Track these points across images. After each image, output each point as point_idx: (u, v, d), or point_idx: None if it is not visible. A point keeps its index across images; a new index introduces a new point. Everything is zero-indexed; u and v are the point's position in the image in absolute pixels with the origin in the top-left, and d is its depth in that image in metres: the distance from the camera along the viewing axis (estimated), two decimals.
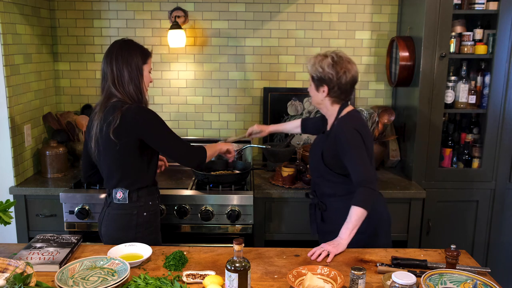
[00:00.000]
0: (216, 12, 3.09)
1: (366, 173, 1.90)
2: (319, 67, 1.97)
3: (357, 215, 1.84)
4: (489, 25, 2.72)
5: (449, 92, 2.73)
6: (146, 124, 1.92)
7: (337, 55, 1.97)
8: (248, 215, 2.49)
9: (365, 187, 1.88)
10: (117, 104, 1.92)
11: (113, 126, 1.87)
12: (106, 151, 1.97)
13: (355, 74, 1.98)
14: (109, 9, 3.08)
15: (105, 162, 2.01)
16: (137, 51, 1.98)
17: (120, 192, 2.00)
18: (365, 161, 1.92)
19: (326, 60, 1.96)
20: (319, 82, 2.00)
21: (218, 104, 3.22)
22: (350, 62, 1.98)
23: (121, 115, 1.88)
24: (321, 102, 2.05)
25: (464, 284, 1.49)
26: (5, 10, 2.51)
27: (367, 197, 1.87)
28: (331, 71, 1.94)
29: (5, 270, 1.51)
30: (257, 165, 3.08)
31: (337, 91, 1.98)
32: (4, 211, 1.68)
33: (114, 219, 2.03)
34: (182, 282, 1.59)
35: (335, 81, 1.95)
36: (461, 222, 2.83)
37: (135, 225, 2.01)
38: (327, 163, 2.04)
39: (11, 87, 2.56)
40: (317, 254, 1.79)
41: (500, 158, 2.75)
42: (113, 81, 1.94)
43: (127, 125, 1.89)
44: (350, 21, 3.12)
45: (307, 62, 2.05)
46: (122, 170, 1.98)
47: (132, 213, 2.01)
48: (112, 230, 2.03)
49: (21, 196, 2.59)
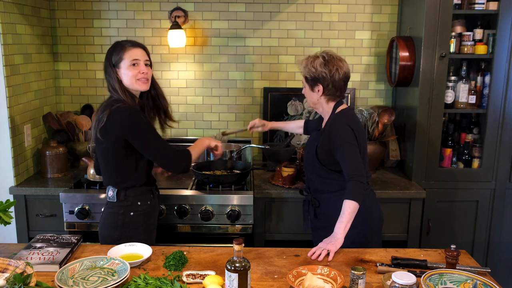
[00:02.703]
0: (216, 12, 3.09)
1: (356, 167, 1.93)
2: (311, 68, 2.02)
3: (350, 208, 1.86)
4: (489, 25, 2.72)
5: (449, 92, 2.73)
6: (130, 127, 1.92)
7: (327, 54, 2.03)
8: (248, 215, 2.49)
9: (355, 181, 1.90)
10: (109, 103, 1.95)
11: (100, 125, 1.90)
12: (97, 149, 2.03)
13: (347, 70, 2.04)
14: (109, 9, 3.08)
15: (98, 159, 2.08)
16: (110, 54, 2.00)
17: (111, 190, 2.03)
18: (356, 156, 1.95)
19: (318, 60, 2.02)
20: (313, 82, 2.05)
21: (218, 104, 3.22)
22: (341, 60, 2.04)
23: (108, 114, 1.90)
24: (317, 101, 2.10)
25: (464, 284, 1.49)
26: (5, 10, 2.51)
27: (358, 190, 1.89)
28: (324, 70, 2.00)
29: (5, 270, 1.51)
30: (257, 165, 3.08)
31: (332, 88, 2.03)
32: (4, 211, 1.68)
33: (106, 217, 2.06)
34: (182, 282, 1.59)
35: (328, 79, 2.01)
36: (461, 222, 2.83)
37: (121, 225, 2.02)
38: (321, 158, 2.08)
39: (11, 87, 2.56)
40: (317, 254, 1.80)
41: (500, 158, 2.75)
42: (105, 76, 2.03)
43: (112, 125, 1.91)
44: (350, 21, 3.12)
45: (298, 65, 2.10)
46: (109, 169, 2.02)
47: (119, 212, 2.02)
48: (102, 228, 2.07)
49: (21, 196, 2.59)
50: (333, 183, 2.08)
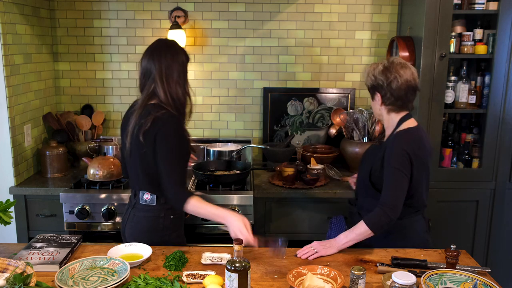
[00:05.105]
0: (216, 12, 3.09)
1: (393, 197, 1.81)
2: (371, 76, 1.93)
3: (360, 231, 1.82)
4: (489, 25, 2.72)
5: (449, 92, 2.73)
6: (162, 136, 1.82)
7: (389, 61, 1.91)
8: (248, 215, 2.49)
9: (385, 211, 1.79)
10: (153, 108, 1.83)
11: (144, 129, 1.81)
12: (134, 153, 1.91)
13: (409, 78, 1.86)
14: (109, 9, 3.08)
15: (133, 163, 1.94)
16: (183, 52, 1.92)
17: (148, 194, 1.94)
18: (399, 185, 1.82)
19: (378, 67, 1.91)
20: (372, 90, 1.96)
21: (218, 104, 3.22)
22: (404, 66, 1.88)
23: (152, 120, 1.81)
24: (379, 112, 1.98)
25: (464, 284, 1.49)
26: (5, 10, 2.51)
27: (379, 221, 1.80)
28: (381, 77, 1.88)
29: (5, 270, 1.51)
30: (257, 165, 3.08)
31: (391, 97, 1.89)
32: (4, 211, 1.68)
33: (140, 221, 1.97)
34: (182, 282, 1.59)
35: (385, 87, 1.88)
36: (461, 222, 2.82)
37: (162, 228, 1.96)
38: (373, 177, 1.95)
39: (11, 87, 2.56)
40: (304, 252, 1.82)
41: (500, 158, 2.75)
42: (161, 77, 1.83)
43: (152, 132, 1.82)
44: (350, 21, 3.12)
45: (364, 74, 2.01)
46: (147, 175, 1.91)
47: (159, 216, 1.95)
48: (139, 232, 1.97)
49: (21, 196, 2.59)
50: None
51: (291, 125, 3.20)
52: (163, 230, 1.96)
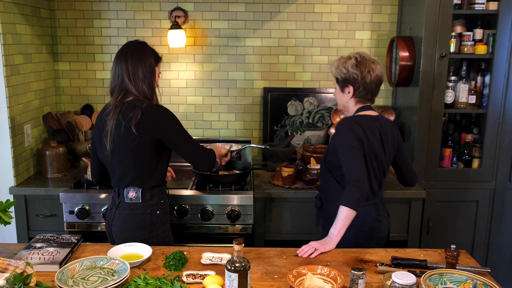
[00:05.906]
0: (216, 12, 3.09)
1: (355, 172, 1.88)
2: (343, 68, 2.00)
3: (343, 215, 1.83)
4: (489, 25, 2.72)
5: (449, 92, 2.73)
6: (165, 124, 1.95)
7: (360, 56, 2.00)
8: (248, 215, 2.49)
9: (354, 187, 1.85)
10: (135, 103, 1.93)
11: (135, 120, 1.88)
12: (122, 148, 1.95)
13: (379, 73, 2.00)
14: (109, 9, 3.08)
15: (119, 160, 1.98)
16: (151, 53, 2.02)
17: (133, 191, 2.00)
18: (357, 160, 1.89)
19: (350, 61, 1.99)
20: (344, 83, 2.03)
21: (218, 104, 3.22)
22: (374, 62, 2.00)
23: (141, 112, 1.90)
24: (346, 104, 2.07)
25: (464, 284, 1.49)
26: (5, 10, 2.51)
27: (353, 196, 1.84)
28: (355, 71, 1.97)
29: (5, 270, 1.51)
30: (257, 165, 3.08)
31: (363, 91, 2.00)
32: (4, 211, 1.68)
33: (126, 219, 2.01)
34: (182, 282, 1.59)
35: (359, 80, 1.97)
36: (461, 222, 2.83)
37: (149, 224, 2.01)
38: (328, 162, 2.07)
39: (11, 87, 2.56)
40: (304, 251, 1.83)
41: (500, 158, 2.75)
42: (129, 77, 1.96)
43: (146, 123, 1.91)
44: (350, 21, 3.12)
45: (331, 65, 2.07)
46: (137, 168, 1.98)
47: (146, 212, 2.00)
48: (126, 230, 2.01)
49: (21, 196, 2.59)
50: (334, 190, 2.04)
51: (291, 125, 3.20)
52: (150, 226, 2.01)
